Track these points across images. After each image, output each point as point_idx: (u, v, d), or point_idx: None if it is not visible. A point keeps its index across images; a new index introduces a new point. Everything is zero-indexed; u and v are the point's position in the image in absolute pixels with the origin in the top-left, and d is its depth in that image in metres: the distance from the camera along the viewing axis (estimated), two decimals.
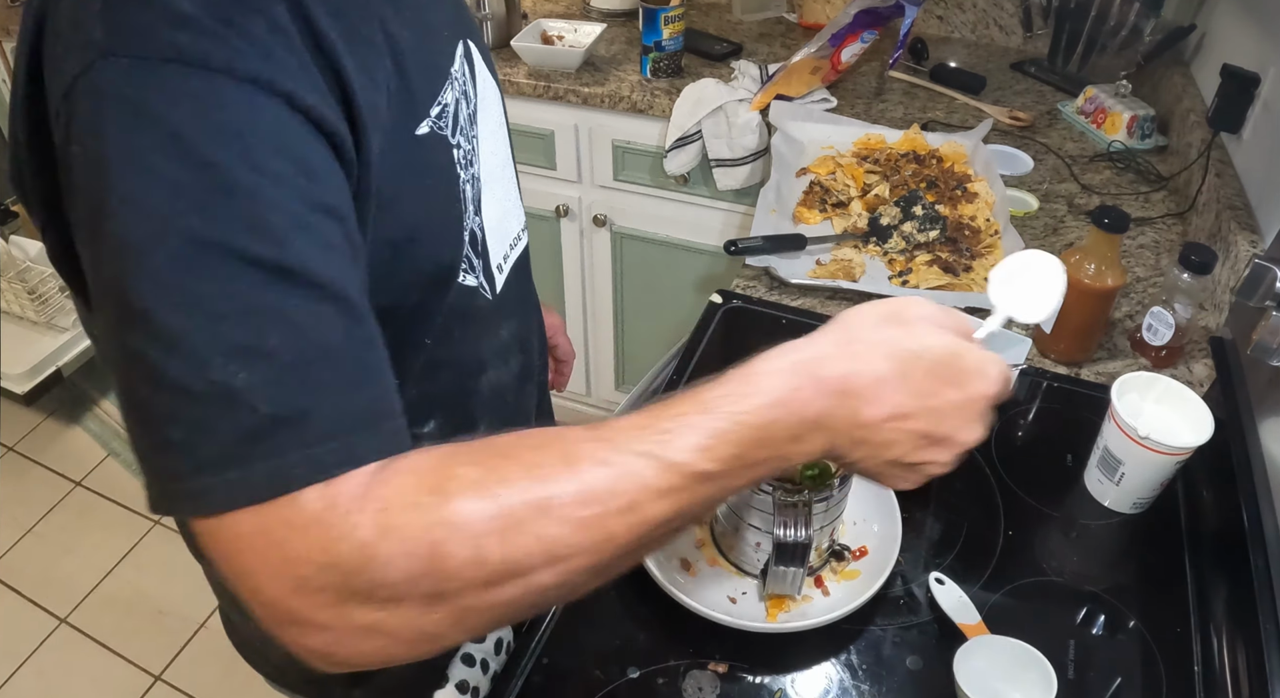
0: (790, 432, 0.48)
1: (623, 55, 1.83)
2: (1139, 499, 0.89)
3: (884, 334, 0.51)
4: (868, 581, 0.80)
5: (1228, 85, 1.30)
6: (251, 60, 0.43)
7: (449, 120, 0.59)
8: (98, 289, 0.44)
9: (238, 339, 0.42)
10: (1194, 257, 1.00)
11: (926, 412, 0.50)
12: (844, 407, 0.49)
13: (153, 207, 0.41)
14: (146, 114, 0.41)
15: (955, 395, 0.50)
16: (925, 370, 0.50)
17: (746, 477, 0.49)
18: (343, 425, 0.43)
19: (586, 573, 0.46)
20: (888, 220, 1.30)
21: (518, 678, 0.76)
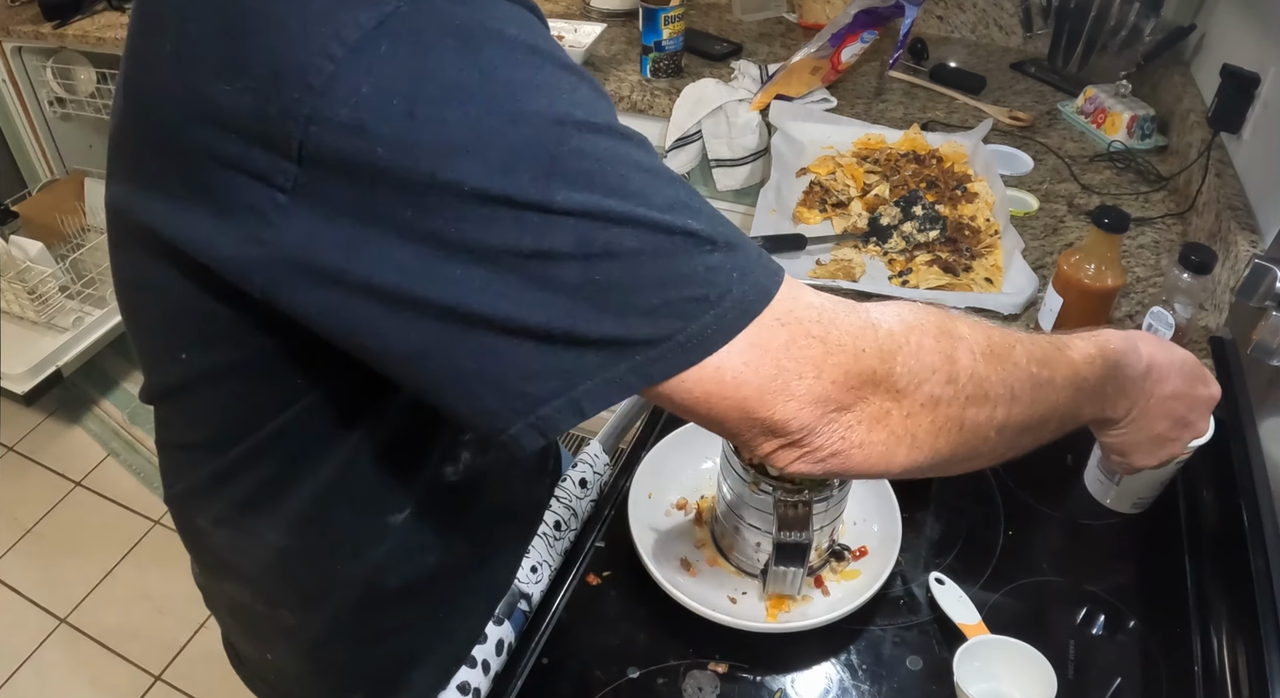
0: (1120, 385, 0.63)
1: (623, 55, 1.83)
2: (1139, 499, 0.89)
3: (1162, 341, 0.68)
4: (868, 581, 0.80)
5: (1228, 85, 1.30)
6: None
7: None
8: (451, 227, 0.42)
9: (664, 197, 0.45)
10: (1194, 257, 1.00)
11: (1189, 398, 0.68)
12: (1149, 378, 0.65)
13: (542, 111, 0.42)
14: (489, 34, 0.42)
15: (1204, 391, 0.70)
16: (1190, 370, 0.69)
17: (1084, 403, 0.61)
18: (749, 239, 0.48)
19: (1019, 423, 0.54)
20: (888, 220, 1.30)
21: (518, 678, 0.76)
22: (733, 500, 0.78)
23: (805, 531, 0.70)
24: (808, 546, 0.71)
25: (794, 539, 0.71)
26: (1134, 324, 1.11)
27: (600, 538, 0.87)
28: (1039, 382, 0.54)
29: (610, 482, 0.93)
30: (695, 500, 0.88)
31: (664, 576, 0.78)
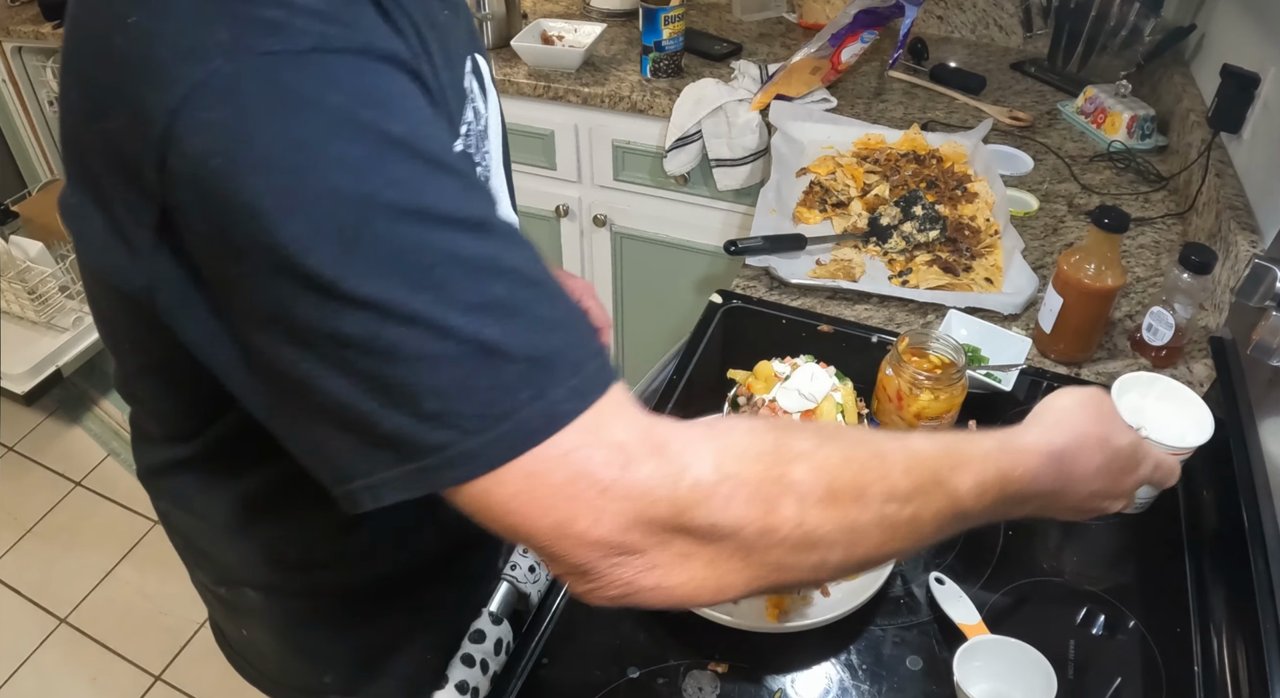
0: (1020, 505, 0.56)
1: (623, 55, 1.83)
2: (1139, 499, 0.89)
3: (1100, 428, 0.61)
4: (868, 581, 0.80)
5: (1228, 85, 1.30)
6: (379, 38, 0.44)
7: (474, 139, 0.61)
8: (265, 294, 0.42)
9: (471, 296, 0.42)
10: (1194, 257, 1.00)
11: (1109, 491, 0.62)
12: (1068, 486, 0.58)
13: (345, 190, 0.40)
14: (305, 102, 0.41)
15: (1130, 481, 0.64)
16: (1121, 466, 0.62)
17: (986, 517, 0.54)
18: (585, 352, 0.44)
19: (859, 562, 0.49)
20: (888, 220, 1.30)
21: (518, 678, 0.76)
22: None
23: None
24: None
25: None
26: (1134, 324, 1.11)
27: None
28: (894, 523, 0.48)
29: None
30: None
31: None
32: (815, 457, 0.46)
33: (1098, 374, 1.07)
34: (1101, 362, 1.09)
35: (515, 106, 1.79)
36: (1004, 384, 0.99)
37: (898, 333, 1.11)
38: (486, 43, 1.84)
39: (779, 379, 0.74)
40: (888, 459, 0.48)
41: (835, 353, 1.06)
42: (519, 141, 1.84)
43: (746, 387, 0.76)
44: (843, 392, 0.75)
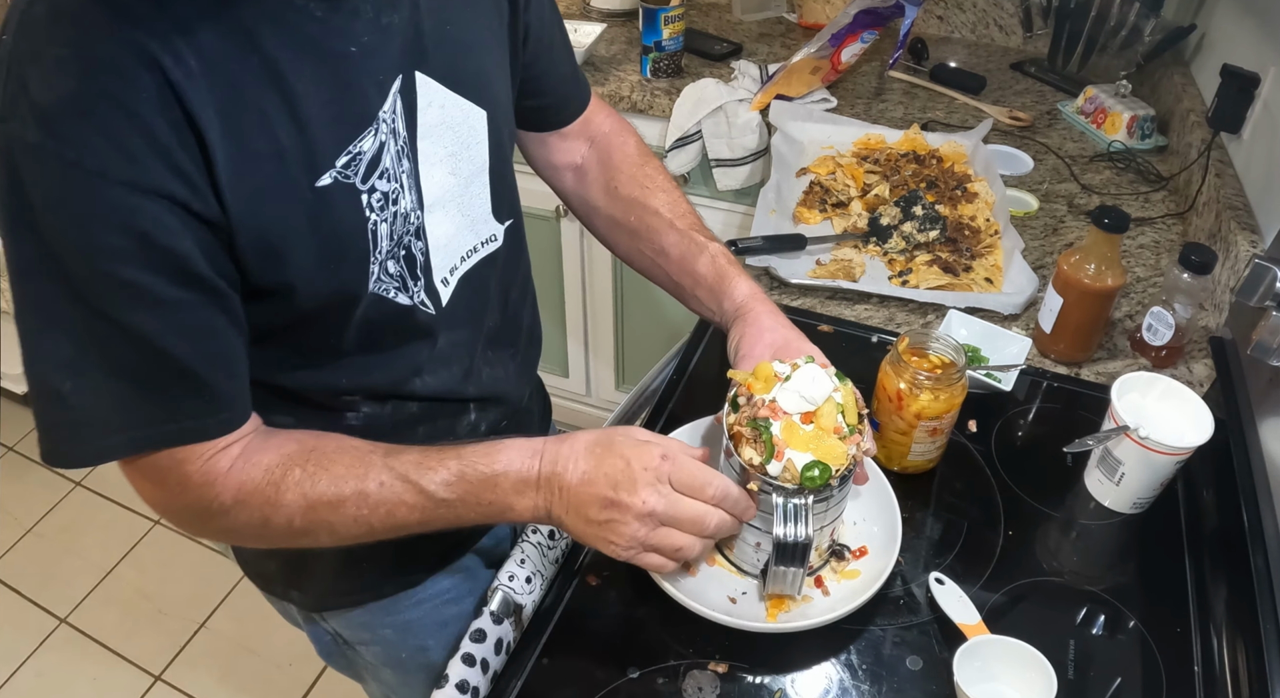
0: (513, 485, 0.68)
1: (623, 55, 1.83)
2: (1139, 499, 0.89)
3: (588, 432, 0.71)
4: (868, 581, 0.80)
5: (1228, 85, 1.30)
6: (100, 155, 0.53)
7: (361, 167, 0.65)
8: None
9: (66, 356, 0.58)
10: (1194, 257, 1.00)
11: (603, 476, 0.67)
12: (553, 473, 0.68)
13: (21, 255, 0.56)
14: (18, 183, 0.54)
15: (621, 464, 0.67)
16: (606, 448, 0.68)
17: (472, 511, 0.69)
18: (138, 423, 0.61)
19: (353, 541, 0.70)
20: (888, 220, 1.31)
21: (518, 678, 0.76)
22: None
23: (806, 530, 0.70)
24: (808, 545, 0.71)
25: (794, 539, 0.71)
26: (1134, 324, 1.11)
27: None
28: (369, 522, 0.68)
29: None
30: None
31: (664, 576, 0.78)
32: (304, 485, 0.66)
33: (1098, 374, 1.07)
34: (1101, 362, 1.09)
35: None
36: (1004, 384, 0.99)
37: (898, 333, 1.11)
38: None
39: (779, 379, 0.74)
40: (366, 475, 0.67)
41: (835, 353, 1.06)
42: None
43: (746, 387, 0.76)
44: (843, 392, 0.75)
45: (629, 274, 1.97)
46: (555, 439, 0.70)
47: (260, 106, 0.58)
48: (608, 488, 0.67)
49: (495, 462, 0.68)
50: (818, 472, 0.71)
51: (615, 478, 0.67)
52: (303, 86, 0.60)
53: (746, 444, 0.73)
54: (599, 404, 2.25)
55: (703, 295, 0.90)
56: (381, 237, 0.68)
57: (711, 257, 0.90)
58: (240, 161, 0.58)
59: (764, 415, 0.72)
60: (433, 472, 0.67)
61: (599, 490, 0.67)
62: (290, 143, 0.60)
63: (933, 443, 0.90)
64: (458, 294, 0.78)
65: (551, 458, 0.68)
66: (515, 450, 0.69)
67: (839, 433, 0.73)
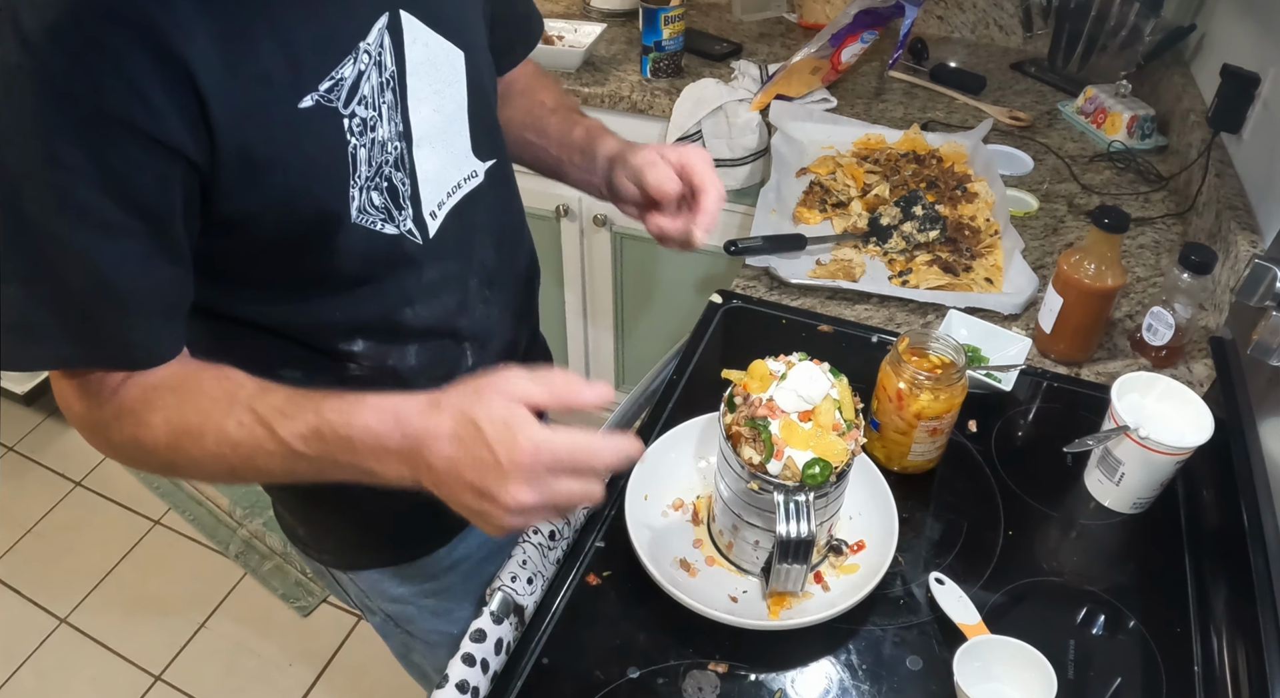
0: (373, 452, 0.63)
1: (623, 55, 1.83)
2: (1139, 499, 0.89)
3: (461, 400, 0.62)
4: (867, 574, 0.80)
5: (1228, 85, 1.30)
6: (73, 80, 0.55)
7: (343, 92, 0.67)
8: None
9: (12, 266, 0.60)
10: (1194, 257, 1.00)
11: (471, 467, 0.60)
12: (416, 452, 0.62)
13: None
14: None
15: (489, 456, 0.59)
16: (475, 432, 0.60)
17: (341, 469, 0.65)
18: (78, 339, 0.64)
19: (216, 477, 0.70)
20: (888, 220, 1.30)
21: (518, 678, 0.76)
22: (730, 499, 0.78)
23: (808, 527, 0.70)
24: (811, 542, 0.71)
25: (797, 536, 0.71)
26: (1134, 324, 1.11)
27: (600, 538, 0.87)
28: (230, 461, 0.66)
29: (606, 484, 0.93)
30: (691, 500, 0.88)
31: (664, 576, 0.78)
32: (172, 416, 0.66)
33: (1098, 374, 1.07)
34: (1101, 362, 1.09)
35: None
36: (1004, 384, 0.99)
37: (898, 333, 1.11)
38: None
39: (774, 377, 0.75)
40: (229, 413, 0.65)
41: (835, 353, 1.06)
42: None
43: (743, 386, 0.76)
44: (838, 387, 0.75)
45: (629, 274, 1.98)
46: (417, 407, 0.62)
47: (249, 33, 0.61)
48: (477, 478, 0.60)
49: (351, 422, 0.62)
50: (818, 469, 0.71)
51: (483, 470, 0.60)
52: (291, 15, 0.63)
53: (746, 444, 0.73)
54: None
55: (578, 160, 0.96)
56: (360, 161, 0.70)
57: (585, 127, 0.96)
58: (229, 86, 0.60)
59: (762, 415, 0.72)
60: (290, 421, 0.64)
61: (469, 479, 0.60)
62: (275, 66, 0.63)
63: (933, 443, 0.90)
64: (446, 227, 0.80)
65: (412, 432, 0.61)
66: (372, 413, 0.62)
67: (837, 430, 0.73)
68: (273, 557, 2.03)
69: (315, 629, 1.93)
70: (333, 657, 1.88)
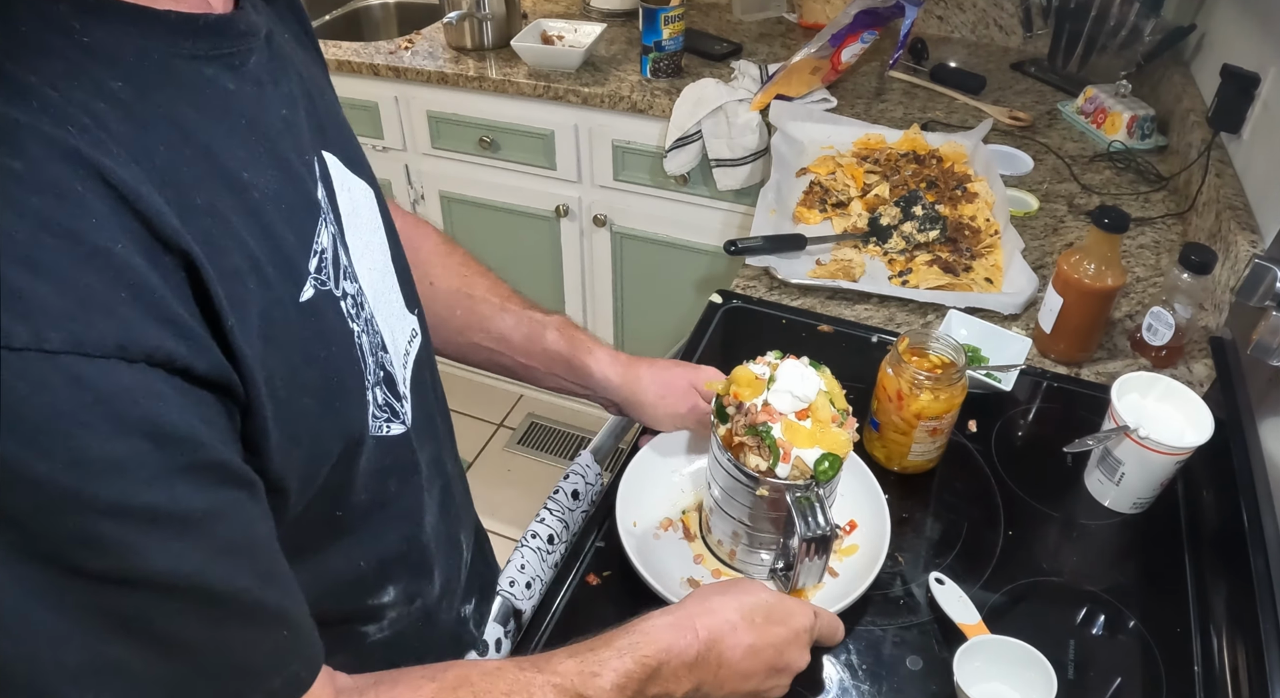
0: (674, 672, 0.61)
1: (623, 55, 1.83)
2: (1139, 499, 0.89)
3: (729, 596, 0.66)
4: (870, 552, 0.81)
5: (1228, 85, 1.30)
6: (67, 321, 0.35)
7: (329, 267, 0.52)
8: None
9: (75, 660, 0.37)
10: (1194, 257, 1.00)
11: (769, 646, 0.65)
12: (712, 651, 0.63)
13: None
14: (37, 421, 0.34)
15: (785, 631, 0.66)
16: (764, 616, 0.66)
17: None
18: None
19: None
20: (888, 220, 1.31)
21: None
22: (732, 508, 0.77)
23: (826, 518, 0.71)
24: (832, 535, 0.71)
25: (818, 532, 0.71)
26: (1134, 324, 1.11)
27: (600, 538, 0.87)
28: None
29: (604, 491, 0.93)
30: (678, 517, 0.87)
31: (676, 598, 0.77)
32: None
33: (1098, 374, 1.07)
34: (1101, 362, 1.09)
35: (515, 106, 1.79)
36: (1004, 384, 0.99)
37: (898, 333, 1.11)
38: (486, 43, 1.84)
39: (762, 382, 0.74)
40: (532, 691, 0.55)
41: (835, 353, 1.06)
42: (519, 141, 1.84)
43: (734, 395, 0.75)
44: (825, 379, 0.75)
45: (629, 274, 1.98)
46: (701, 608, 0.64)
47: (216, 209, 0.43)
48: (774, 656, 0.66)
49: (655, 648, 0.60)
50: (829, 464, 0.71)
51: (781, 646, 0.66)
52: (248, 175, 0.46)
53: (750, 452, 0.73)
54: None
55: (560, 371, 0.87)
56: (365, 352, 0.55)
57: (557, 330, 0.86)
58: (225, 287, 0.42)
59: (761, 421, 0.72)
60: (598, 678, 0.58)
61: (766, 659, 0.65)
62: (260, 250, 0.45)
63: (933, 443, 0.90)
64: (414, 405, 0.63)
65: (708, 635, 0.63)
66: (668, 631, 0.62)
67: (835, 421, 0.73)
68: None
69: None
70: None
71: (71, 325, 0.35)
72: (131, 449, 0.36)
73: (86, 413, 0.35)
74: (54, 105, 0.37)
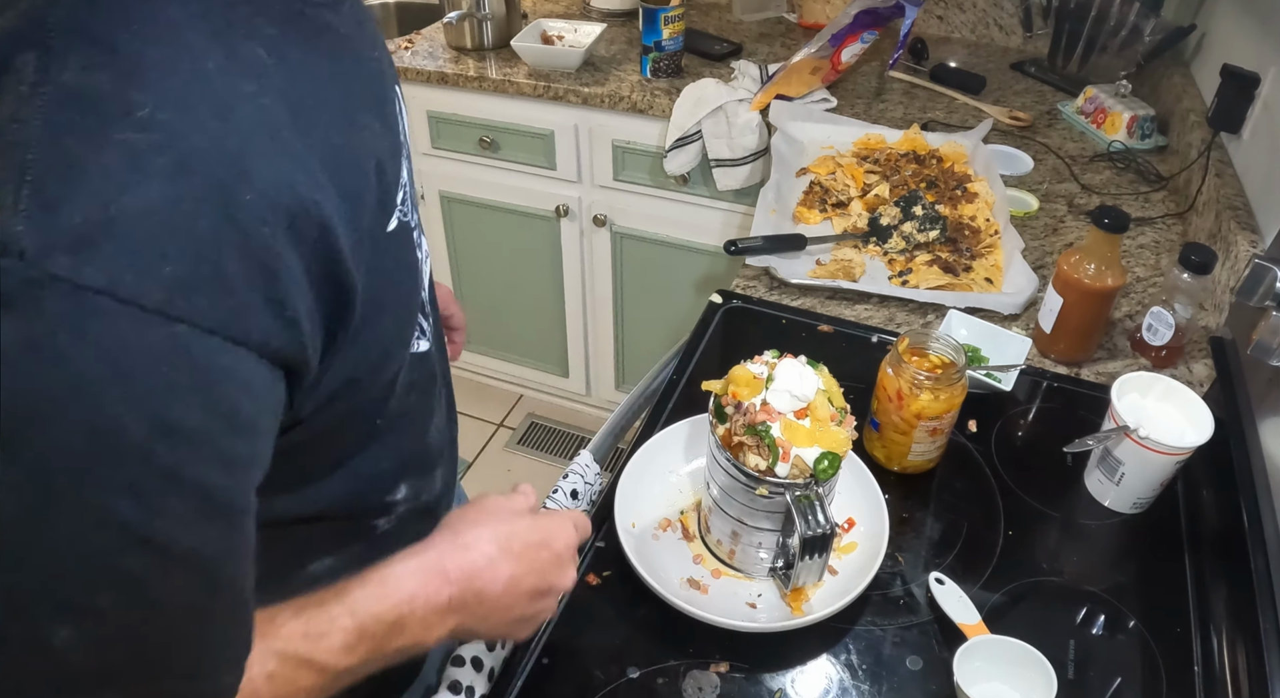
0: (422, 620, 0.56)
1: (623, 55, 1.83)
2: (1139, 499, 0.89)
3: (482, 526, 0.61)
4: (869, 549, 0.81)
5: (1228, 85, 1.30)
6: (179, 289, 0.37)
7: (409, 199, 0.55)
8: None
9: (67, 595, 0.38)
10: (1194, 257, 1.00)
11: (530, 572, 0.62)
12: (469, 590, 0.58)
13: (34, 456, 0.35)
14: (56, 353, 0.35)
15: (548, 554, 0.63)
16: (522, 542, 0.62)
17: (387, 659, 0.56)
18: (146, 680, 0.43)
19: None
20: (888, 220, 1.30)
21: (517, 678, 0.76)
22: (731, 507, 0.77)
23: (826, 518, 0.71)
24: (832, 534, 0.71)
25: (818, 531, 0.71)
26: (1134, 324, 1.11)
27: (600, 538, 0.87)
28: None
29: (604, 490, 0.93)
30: (676, 518, 0.87)
31: (682, 600, 0.78)
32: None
33: (1098, 374, 1.07)
34: (1101, 362, 1.09)
35: (515, 107, 1.79)
36: (1004, 384, 0.99)
37: (898, 333, 1.11)
38: (486, 43, 1.84)
39: (760, 381, 0.75)
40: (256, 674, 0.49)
41: (835, 353, 1.06)
42: (519, 141, 1.84)
43: (732, 395, 0.75)
44: (823, 378, 0.75)
45: (629, 274, 1.98)
46: (453, 545, 0.59)
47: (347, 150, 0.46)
48: (538, 581, 0.62)
49: (393, 600, 0.55)
50: (828, 462, 0.71)
51: (544, 570, 0.63)
52: (362, 117, 0.48)
53: (750, 452, 0.73)
54: (599, 404, 2.25)
55: None
56: (424, 280, 0.60)
57: None
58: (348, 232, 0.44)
59: (761, 420, 0.72)
60: (326, 639, 0.52)
61: (529, 585, 0.62)
62: (373, 186, 0.48)
63: (933, 443, 0.90)
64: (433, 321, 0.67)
65: (460, 575, 0.58)
66: (414, 578, 0.57)
67: (834, 420, 0.73)
68: None
69: None
70: None
71: (198, 299, 0.37)
72: (207, 427, 0.39)
73: (182, 382, 0.37)
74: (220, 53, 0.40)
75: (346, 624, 0.53)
